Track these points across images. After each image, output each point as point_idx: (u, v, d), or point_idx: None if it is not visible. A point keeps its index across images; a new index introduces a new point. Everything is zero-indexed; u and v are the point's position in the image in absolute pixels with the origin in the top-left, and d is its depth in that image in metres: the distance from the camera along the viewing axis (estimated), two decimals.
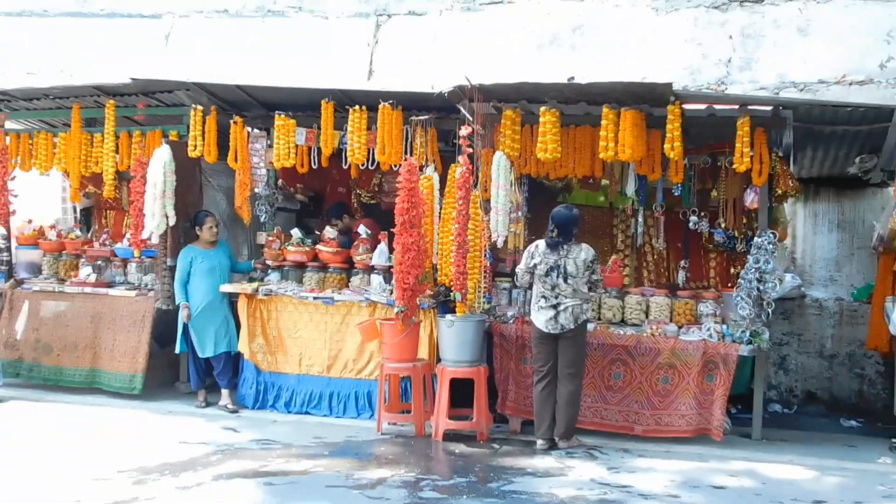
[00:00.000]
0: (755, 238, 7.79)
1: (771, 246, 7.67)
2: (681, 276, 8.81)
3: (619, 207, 9.56)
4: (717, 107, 7.82)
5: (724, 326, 7.70)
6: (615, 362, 7.71)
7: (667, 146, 7.48)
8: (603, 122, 7.53)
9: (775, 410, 9.72)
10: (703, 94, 9.21)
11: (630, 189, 8.59)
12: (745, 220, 8.61)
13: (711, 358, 7.51)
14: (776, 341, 8.61)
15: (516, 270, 7.61)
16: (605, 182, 9.19)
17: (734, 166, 7.66)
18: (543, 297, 7.26)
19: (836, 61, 11.15)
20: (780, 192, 8.29)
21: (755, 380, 7.88)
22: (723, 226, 8.54)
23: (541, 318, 7.26)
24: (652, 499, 5.83)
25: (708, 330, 7.65)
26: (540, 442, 7.26)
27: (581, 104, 7.89)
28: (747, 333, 7.54)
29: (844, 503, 5.92)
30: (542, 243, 7.38)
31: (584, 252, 7.28)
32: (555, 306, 7.21)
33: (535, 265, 7.33)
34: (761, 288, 7.62)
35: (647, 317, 8.04)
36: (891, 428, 8.15)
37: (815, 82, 10.96)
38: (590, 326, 7.63)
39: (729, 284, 8.63)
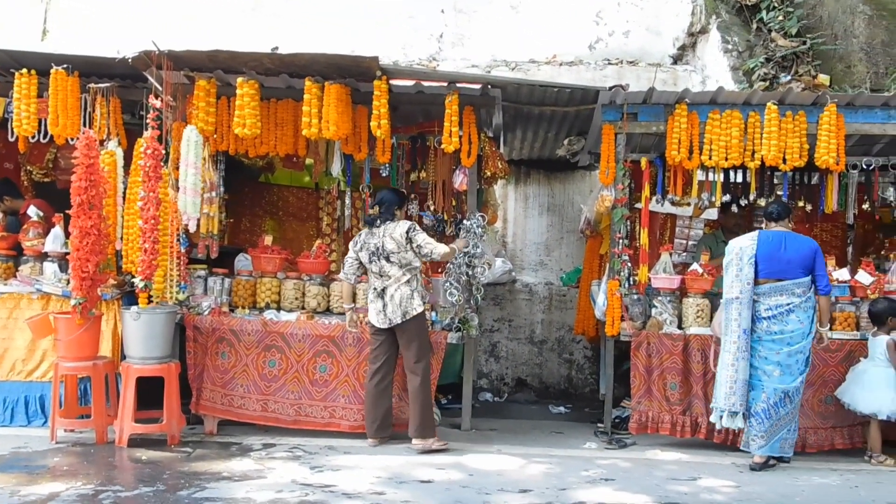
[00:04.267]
0: (464, 221, 8.18)
1: (480, 229, 8.07)
2: None
3: (324, 188, 9.68)
4: (426, 84, 8.09)
5: (433, 313, 8.03)
6: (320, 354, 7.83)
7: (373, 124, 7.67)
8: (306, 97, 7.59)
9: (486, 399, 10.29)
10: (411, 69, 9.52)
11: (336, 169, 8.71)
12: (454, 203, 8.99)
13: None
14: (487, 328, 9.09)
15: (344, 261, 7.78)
16: (309, 161, 9.28)
17: (443, 146, 7.99)
18: (373, 287, 7.51)
19: (547, 41, 11.92)
20: (489, 173, 8.73)
21: (464, 368, 8.28)
22: (432, 208, 8.86)
23: (372, 312, 7.51)
24: (356, 498, 6.00)
25: None
26: (371, 441, 7.50)
27: (283, 76, 7.90)
28: (456, 320, 7.92)
29: (549, 490, 6.35)
30: (365, 230, 7.66)
31: (399, 226, 7.45)
32: (381, 295, 7.43)
33: (359, 252, 7.56)
34: (470, 273, 8.02)
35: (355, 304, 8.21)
36: (597, 413, 8.87)
37: (526, 62, 11.66)
38: (318, 317, 7.88)
39: (439, 270, 8.99)
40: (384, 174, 8.66)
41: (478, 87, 8.11)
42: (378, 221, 7.51)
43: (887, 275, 8.16)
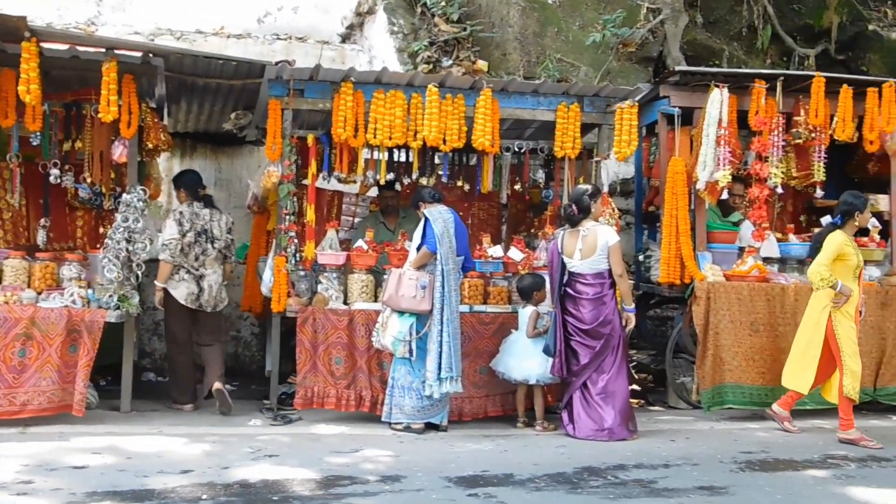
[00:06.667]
0: (124, 195, 7.86)
1: (141, 203, 7.81)
2: (41, 236, 8.55)
3: None
4: (81, 49, 7.64)
5: (91, 291, 7.67)
6: None
7: (21, 88, 7.18)
8: None
9: (150, 379, 9.97)
10: (65, 32, 8.97)
11: None
12: (113, 175, 8.59)
13: (75, 326, 7.44)
14: (150, 305, 8.79)
15: (166, 242, 8.07)
16: None
17: (100, 115, 7.61)
18: (185, 267, 8.16)
19: (215, 12, 11.67)
20: (151, 145, 8.45)
21: (125, 347, 7.97)
22: (88, 181, 8.41)
23: (182, 291, 8.17)
24: (1, 489, 5.61)
25: (71, 295, 7.55)
26: (188, 406, 8.37)
27: None
28: (115, 298, 7.60)
29: (211, 469, 6.26)
30: (185, 209, 8.25)
31: (224, 217, 8.44)
32: (199, 280, 8.24)
33: (185, 231, 8.14)
34: (130, 249, 7.73)
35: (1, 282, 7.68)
36: (263, 389, 8.84)
37: (192, 32, 11.36)
38: None
39: (98, 245, 8.57)
40: (35, 143, 8.07)
41: (138, 54, 7.77)
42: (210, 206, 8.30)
43: (536, 251, 8.76)
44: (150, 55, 7.83)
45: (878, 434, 7.78)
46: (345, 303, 8.23)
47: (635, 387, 9.36)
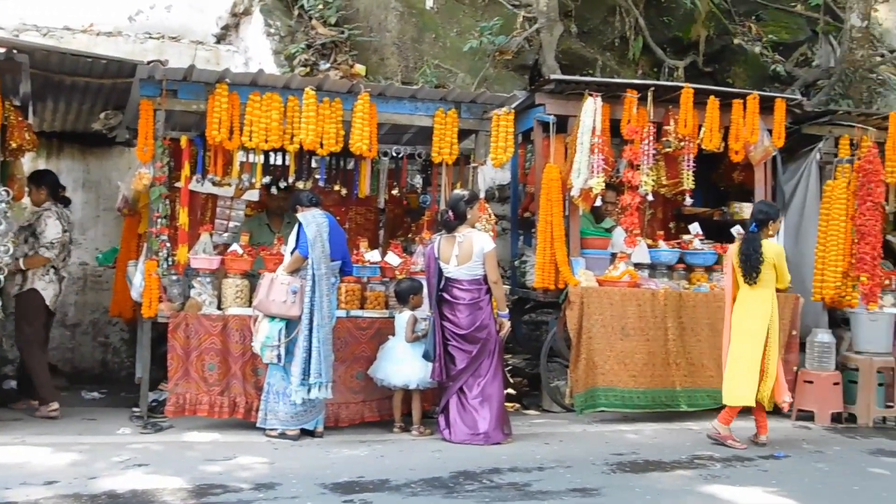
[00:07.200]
0: None
1: (4, 205, 7.52)
2: None
3: None
4: None
5: None
6: None
7: None
8: None
9: (11, 388, 9.59)
10: None
11: None
12: None
13: None
14: (13, 310, 8.47)
15: (53, 240, 8.25)
16: None
17: None
18: (56, 268, 8.28)
19: (84, 9, 11.34)
20: (15, 145, 8.15)
21: None
22: None
23: (50, 292, 8.32)
24: None
25: None
26: (55, 405, 8.18)
27: None
28: None
29: (78, 480, 6.08)
30: (56, 208, 8.41)
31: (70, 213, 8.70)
32: (61, 279, 8.41)
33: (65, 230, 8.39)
34: None
35: None
36: (134, 397, 8.61)
37: (60, 28, 11.02)
38: None
39: None
40: None
41: (1, 51, 7.49)
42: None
43: (413, 256, 8.78)
44: (14, 51, 7.56)
45: (741, 435, 8.07)
46: (219, 308, 8.08)
47: (510, 391, 9.47)
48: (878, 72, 15.01)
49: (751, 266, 7.86)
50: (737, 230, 9.56)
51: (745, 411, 7.97)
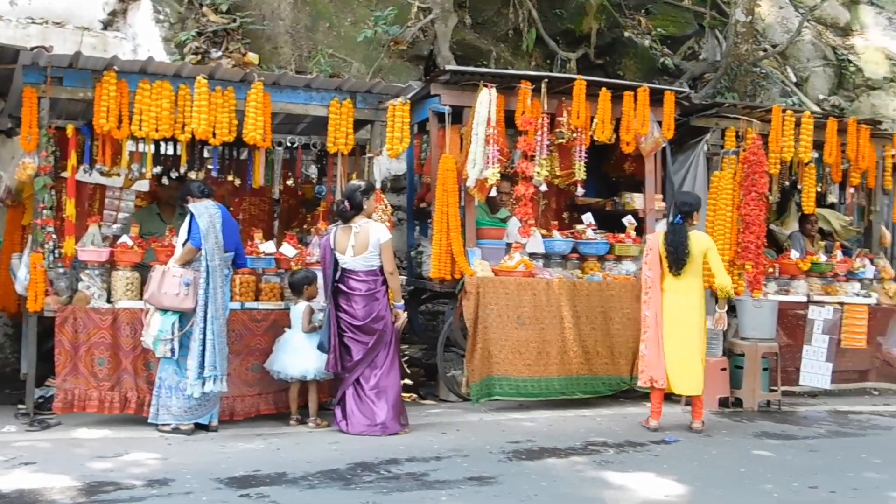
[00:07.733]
0: None
1: None
2: None
3: None
4: None
5: None
6: None
7: None
8: None
9: None
10: None
11: None
12: None
13: None
14: None
15: None
16: None
17: None
18: None
19: None
20: None
21: None
22: None
23: None
24: None
25: None
26: None
27: None
28: None
29: None
30: None
31: None
32: None
33: None
34: None
35: None
36: (19, 394, 8.35)
37: None
38: None
39: None
40: None
41: None
42: None
43: (309, 247, 8.71)
44: None
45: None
46: (108, 301, 7.89)
47: (407, 381, 9.48)
48: (762, 66, 15.51)
49: (678, 257, 8.06)
50: (628, 220, 9.76)
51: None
